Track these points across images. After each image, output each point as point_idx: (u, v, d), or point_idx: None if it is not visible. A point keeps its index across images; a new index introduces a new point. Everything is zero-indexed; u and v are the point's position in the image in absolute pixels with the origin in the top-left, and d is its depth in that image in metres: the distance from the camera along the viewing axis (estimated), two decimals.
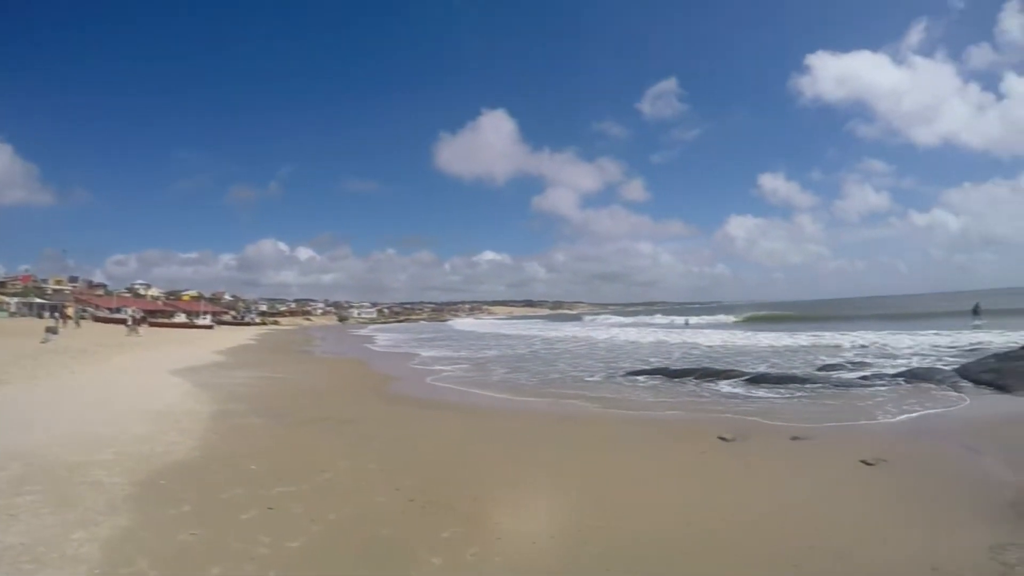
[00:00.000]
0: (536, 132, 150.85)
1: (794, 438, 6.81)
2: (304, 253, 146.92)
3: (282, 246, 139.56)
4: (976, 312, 29.77)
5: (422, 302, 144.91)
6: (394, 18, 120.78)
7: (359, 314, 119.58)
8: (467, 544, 3.69)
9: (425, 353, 23.58)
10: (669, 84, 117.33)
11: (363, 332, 53.64)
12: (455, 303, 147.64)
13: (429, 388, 12.40)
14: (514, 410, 9.45)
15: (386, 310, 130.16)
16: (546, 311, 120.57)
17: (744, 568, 3.50)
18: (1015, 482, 4.99)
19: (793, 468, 5.68)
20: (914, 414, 8.14)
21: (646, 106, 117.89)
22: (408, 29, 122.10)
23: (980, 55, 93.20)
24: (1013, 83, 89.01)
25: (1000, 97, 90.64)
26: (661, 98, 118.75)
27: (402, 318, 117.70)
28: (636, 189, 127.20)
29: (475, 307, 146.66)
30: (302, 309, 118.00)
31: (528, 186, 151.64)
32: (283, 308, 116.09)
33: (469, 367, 17.03)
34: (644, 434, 7.49)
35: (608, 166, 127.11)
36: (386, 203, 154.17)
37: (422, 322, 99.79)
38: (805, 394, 10.09)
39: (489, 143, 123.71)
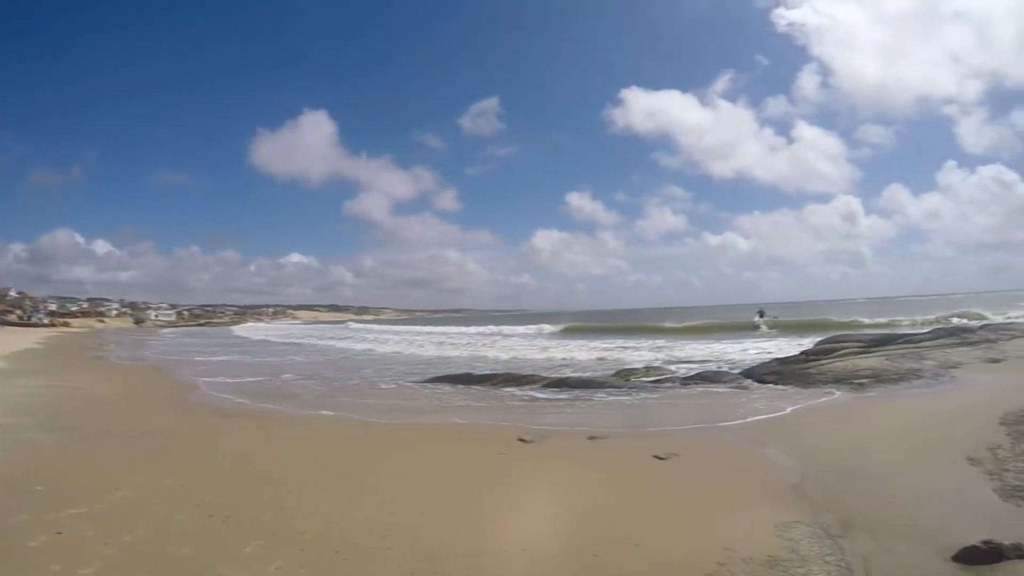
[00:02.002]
0: (355, 136, 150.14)
1: (591, 438, 7.23)
2: (102, 247, 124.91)
3: (78, 238, 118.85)
4: (761, 314, 32.99)
5: (224, 304, 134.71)
6: (221, 6, 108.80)
7: (157, 316, 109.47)
8: (271, 558, 3.80)
9: (222, 359, 23.05)
10: (491, 103, 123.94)
11: (160, 336, 50.97)
12: (259, 306, 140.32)
13: (226, 397, 11.97)
14: (312, 418, 9.51)
15: (186, 312, 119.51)
16: (351, 316, 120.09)
17: (544, 561, 3.74)
18: (796, 467, 5.54)
19: (590, 465, 6.12)
20: (704, 412, 8.90)
21: (467, 121, 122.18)
22: (236, 19, 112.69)
23: (777, 105, 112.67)
24: (803, 130, 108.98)
25: (791, 141, 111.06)
26: (482, 115, 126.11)
27: (203, 321, 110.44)
28: (448, 199, 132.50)
29: (279, 311, 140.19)
30: (95, 309, 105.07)
31: (342, 189, 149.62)
32: (75, 308, 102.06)
33: (266, 375, 16.64)
34: (443, 438, 7.86)
35: (423, 175, 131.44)
36: (194, 198, 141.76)
37: (223, 326, 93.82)
38: (603, 397, 10.73)
39: (307, 143, 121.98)
